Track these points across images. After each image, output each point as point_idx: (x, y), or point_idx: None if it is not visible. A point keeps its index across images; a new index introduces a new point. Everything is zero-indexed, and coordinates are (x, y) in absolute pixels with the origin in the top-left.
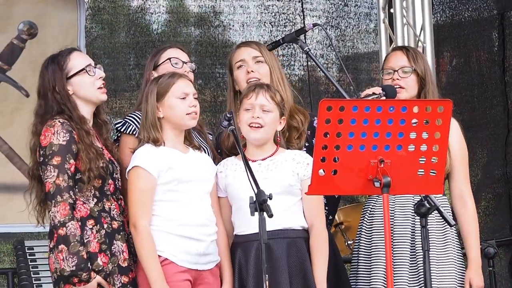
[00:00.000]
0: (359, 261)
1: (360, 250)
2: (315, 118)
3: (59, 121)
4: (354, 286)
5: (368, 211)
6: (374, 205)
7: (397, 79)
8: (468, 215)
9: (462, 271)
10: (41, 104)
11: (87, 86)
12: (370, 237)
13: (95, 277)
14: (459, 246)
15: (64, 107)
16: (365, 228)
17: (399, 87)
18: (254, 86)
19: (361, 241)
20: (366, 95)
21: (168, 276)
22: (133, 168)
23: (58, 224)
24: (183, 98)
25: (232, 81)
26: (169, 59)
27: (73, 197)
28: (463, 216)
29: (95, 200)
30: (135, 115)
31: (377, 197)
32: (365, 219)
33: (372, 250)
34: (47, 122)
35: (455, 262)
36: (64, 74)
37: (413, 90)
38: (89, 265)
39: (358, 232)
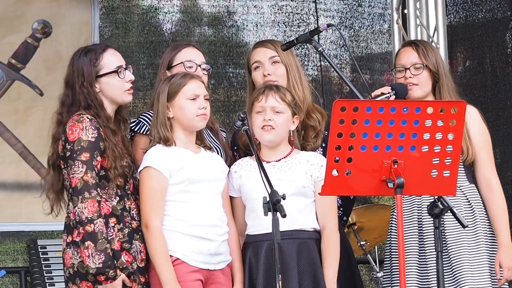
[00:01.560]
0: (392, 260)
1: (392, 250)
2: None
3: (87, 117)
4: (389, 286)
5: (396, 211)
6: (403, 205)
7: (410, 77)
8: (495, 199)
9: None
10: (68, 94)
11: (115, 88)
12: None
13: (120, 275)
14: (492, 235)
15: (91, 102)
16: (395, 227)
17: (412, 85)
18: (263, 89)
19: (392, 241)
20: (375, 95)
21: (179, 276)
22: (145, 168)
23: (86, 221)
24: (193, 99)
25: (251, 80)
26: (183, 62)
27: (100, 194)
28: (490, 200)
29: (117, 198)
30: (149, 114)
31: (405, 197)
32: (394, 219)
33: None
34: (74, 116)
35: (488, 254)
36: (95, 72)
37: (427, 86)
38: (115, 262)
39: (389, 232)
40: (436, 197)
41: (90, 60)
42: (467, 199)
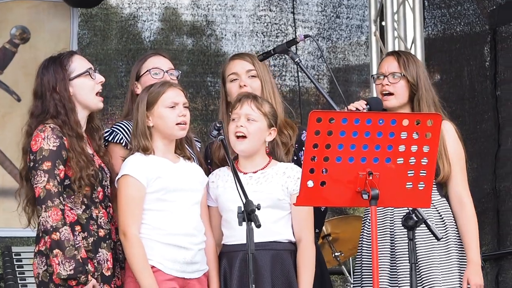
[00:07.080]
0: (363, 272)
1: (363, 261)
2: (304, 131)
3: (49, 126)
4: None
5: (367, 222)
6: None
7: (386, 84)
8: (466, 217)
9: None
10: (37, 105)
11: (87, 90)
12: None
13: (91, 280)
14: (462, 250)
15: (61, 109)
16: (366, 238)
17: (388, 93)
18: (241, 97)
19: (363, 252)
20: (350, 110)
21: None
22: (123, 176)
23: (51, 229)
24: (172, 107)
25: (224, 92)
26: (149, 70)
27: (63, 202)
28: (461, 218)
29: (83, 207)
30: (122, 123)
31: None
32: (365, 229)
33: None
34: (39, 127)
35: (459, 267)
36: (67, 75)
37: (403, 96)
38: (86, 268)
39: (360, 243)
40: (410, 209)
41: (61, 65)
42: (439, 212)
